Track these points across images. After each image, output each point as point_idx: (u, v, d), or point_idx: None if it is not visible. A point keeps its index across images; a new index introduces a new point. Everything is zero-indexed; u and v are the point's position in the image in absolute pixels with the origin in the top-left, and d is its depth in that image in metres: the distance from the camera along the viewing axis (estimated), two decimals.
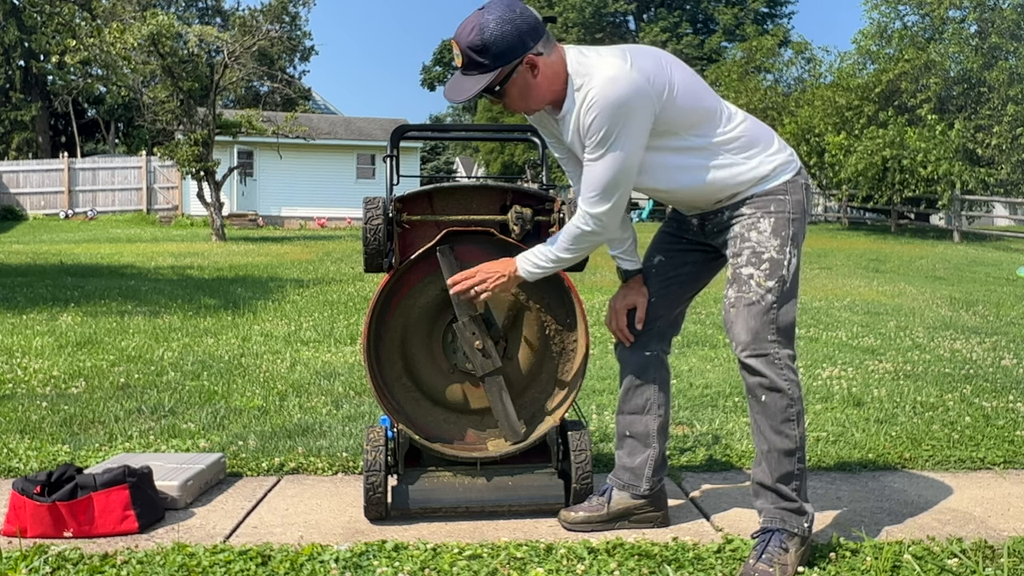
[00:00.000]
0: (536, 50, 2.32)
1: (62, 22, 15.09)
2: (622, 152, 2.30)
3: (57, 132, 41.20)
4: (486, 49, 2.28)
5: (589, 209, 2.40)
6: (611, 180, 2.34)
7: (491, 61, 2.29)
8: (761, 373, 2.39)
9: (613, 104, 2.25)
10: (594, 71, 2.29)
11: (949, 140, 21.10)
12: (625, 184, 2.36)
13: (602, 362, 5.44)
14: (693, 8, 43.09)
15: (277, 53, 28.89)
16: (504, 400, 2.77)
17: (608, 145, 2.30)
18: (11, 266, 12.79)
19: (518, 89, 2.36)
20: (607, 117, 2.27)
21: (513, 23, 2.28)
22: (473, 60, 2.30)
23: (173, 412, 4.20)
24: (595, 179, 2.35)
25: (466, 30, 2.30)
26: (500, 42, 2.27)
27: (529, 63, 2.32)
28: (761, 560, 2.32)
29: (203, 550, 2.45)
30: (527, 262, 2.54)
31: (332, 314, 7.76)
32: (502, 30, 2.27)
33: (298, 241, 20.30)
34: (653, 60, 2.36)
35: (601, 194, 2.36)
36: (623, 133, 2.28)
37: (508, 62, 2.30)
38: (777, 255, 2.41)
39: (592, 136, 2.31)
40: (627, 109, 2.26)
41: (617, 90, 2.25)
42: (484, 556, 2.44)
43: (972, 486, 3.19)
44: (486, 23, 2.28)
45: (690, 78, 2.42)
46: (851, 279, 12.07)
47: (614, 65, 2.28)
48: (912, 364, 5.64)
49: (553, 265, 2.53)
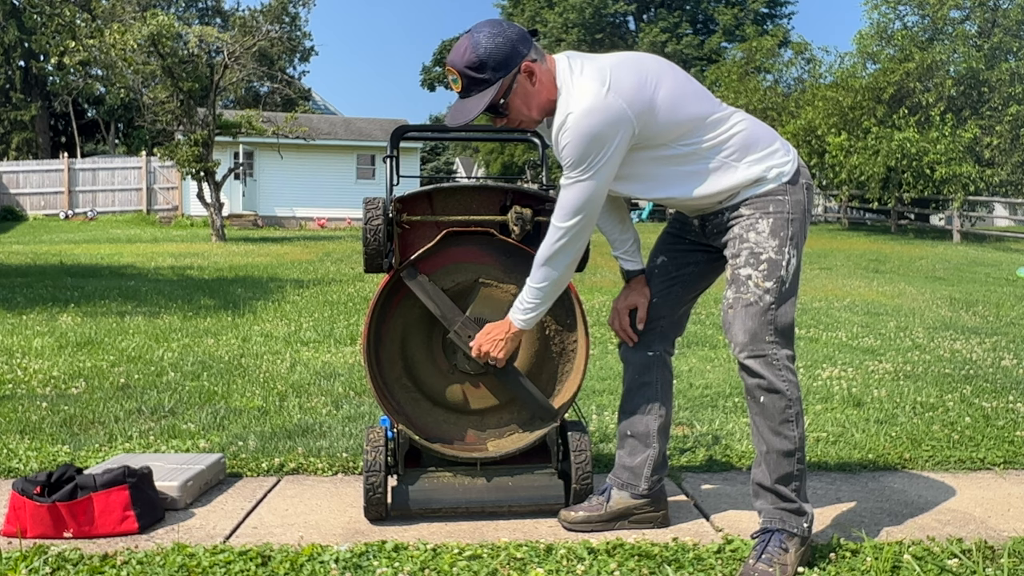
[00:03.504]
0: (531, 57, 2.36)
1: (62, 23, 15.09)
2: (594, 179, 2.34)
3: (57, 132, 41.21)
4: (484, 64, 2.32)
5: (560, 223, 2.42)
6: (582, 202, 2.37)
7: (491, 74, 2.33)
8: (759, 374, 2.39)
9: (586, 135, 2.29)
10: (572, 94, 2.33)
11: (959, 140, 21.08)
12: (596, 202, 2.40)
13: (602, 362, 5.44)
14: (693, 8, 43.06)
15: (277, 54, 28.86)
16: (526, 384, 2.77)
17: (581, 170, 2.34)
18: (11, 266, 12.79)
19: (520, 99, 2.40)
20: (579, 146, 2.30)
21: (504, 35, 2.34)
22: (473, 79, 2.35)
23: (173, 412, 4.20)
24: (568, 201, 2.38)
25: (460, 53, 2.35)
26: (496, 54, 2.32)
27: (527, 70, 2.36)
28: (761, 560, 2.32)
29: (203, 551, 2.45)
30: (517, 312, 2.56)
31: (332, 314, 7.76)
32: (495, 43, 2.32)
33: (298, 241, 20.30)
34: (637, 78, 2.36)
35: (572, 213, 2.40)
36: (596, 160, 2.32)
37: (507, 72, 2.34)
38: (775, 256, 2.41)
39: (565, 160, 2.35)
40: (600, 139, 2.30)
41: (591, 121, 2.28)
42: (484, 556, 2.44)
43: (972, 486, 3.19)
44: (478, 41, 2.33)
45: (679, 88, 2.41)
46: (851, 279, 12.07)
47: (591, 92, 2.30)
48: (912, 364, 5.64)
49: (540, 301, 2.53)
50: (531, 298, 2.52)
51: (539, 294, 2.51)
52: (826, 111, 23.43)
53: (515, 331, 2.59)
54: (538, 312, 2.55)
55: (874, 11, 25.53)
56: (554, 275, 2.48)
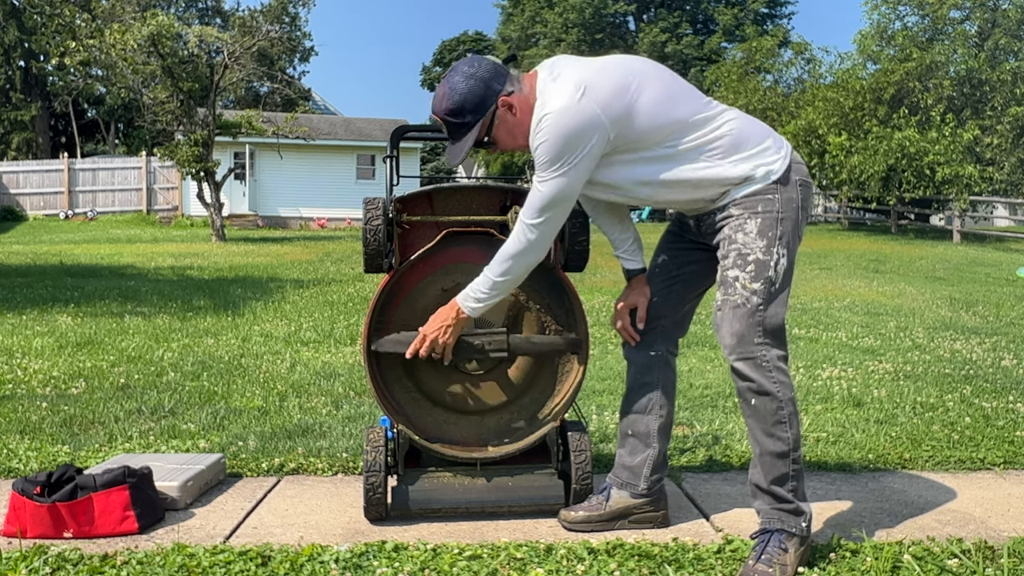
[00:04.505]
0: (506, 90, 2.42)
1: (62, 23, 15.11)
2: (565, 179, 2.36)
3: (57, 132, 41.20)
4: (462, 108, 2.41)
5: (530, 221, 2.43)
6: (551, 201, 2.39)
7: (470, 117, 2.41)
8: (749, 377, 2.39)
9: (559, 136, 2.32)
10: (548, 97, 2.36)
11: (960, 140, 21.07)
12: (564, 204, 2.41)
13: (602, 362, 5.44)
14: (693, 8, 43.05)
15: (277, 54, 28.87)
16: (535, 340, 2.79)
17: (553, 169, 2.35)
18: (11, 266, 12.79)
19: (504, 131, 2.46)
20: (552, 147, 2.33)
21: (476, 76, 2.41)
22: (454, 124, 2.43)
23: (173, 413, 4.20)
24: (537, 199, 2.40)
25: (439, 101, 2.44)
26: (471, 97, 2.40)
27: (504, 104, 2.42)
28: (760, 561, 2.33)
29: (203, 551, 2.45)
30: (467, 299, 2.55)
31: (332, 314, 7.76)
32: (468, 86, 2.40)
33: (298, 241, 20.30)
34: (616, 85, 2.36)
35: (539, 212, 2.41)
36: (568, 162, 2.34)
37: (485, 111, 2.41)
38: (763, 256, 2.40)
39: (539, 159, 2.37)
40: (573, 141, 2.32)
41: (564, 122, 2.31)
42: (484, 556, 2.44)
43: (972, 486, 3.19)
44: (454, 86, 2.41)
45: (665, 92, 2.41)
46: (851, 279, 12.07)
47: (565, 95, 2.33)
48: (912, 365, 5.64)
49: (493, 292, 2.52)
50: (487, 288, 2.52)
51: (496, 286, 2.51)
52: (826, 111, 23.42)
53: (464, 317, 2.58)
54: (489, 303, 2.55)
55: (874, 11, 25.56)
56: (516, 270, 2.49)
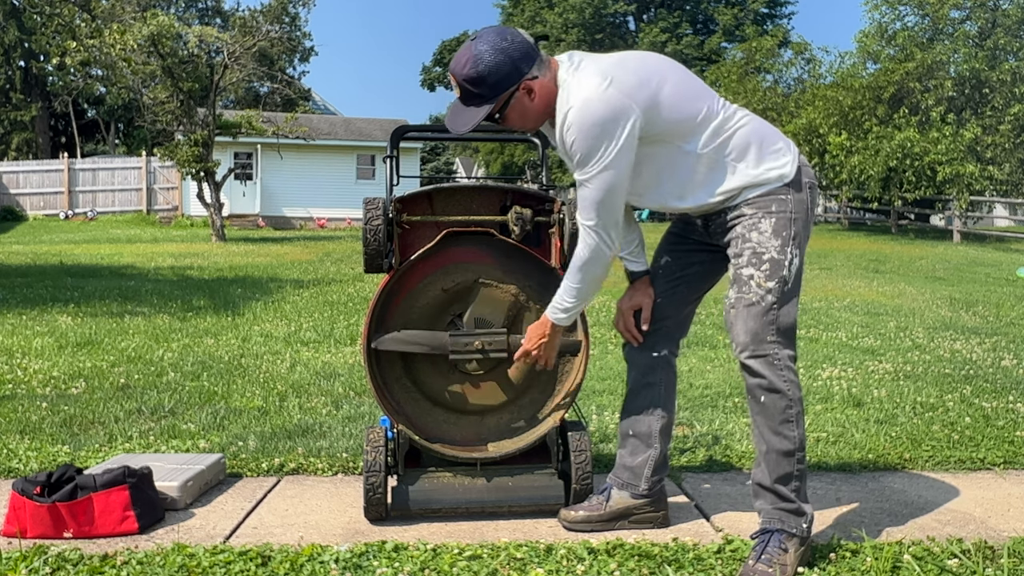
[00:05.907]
0: (531, 75, 2.34)
1: (62, 23, 15.10)
2: (609, 170, 2.31)
3: (57, 132, 41.21)
4: (482, 81, 2.31)
5: (588, 223, 2.40)
6: (603, 197, 2.35)
7: (488, 92, 2.33)
8: (760, 374, 2.39)
9: (589, 125, 2.27)
10: (572, 90, 2.31)
11: (961, 140, 21.06)
12: (614, 198, 2.36)
13: (602, 362, 5.44)
14: (693, 8, 43.04)
15: (277, 54, 28.90)
16: None
17: (592, 164, 2.31)
18: (11, 266, 12.79)
19: (517, 113, 2.41)
20: (585, 139, 2.28)
21: (506, 52, 2.31)
22: (470, 92, 2.34)
23: (173, 413, 4.20)
24: (588, 198, 2.36)
25: (461, 63, 2.33)
26: (495, 72, 2.30)
27: (526, 88, 2.35)
28: (760, 561, 2.33)
29: (203, 551, 2.45)
30: (555, 310, 2.56)
31: (332, 314, 7.76)
32: (496, 60, 2.30)
33: (298, 242, 20.30)
34: (639, 75, 2.35)
35: (596, 210, 2.37)
36: (606, 153, 2.29)
37: (504, 90, 2.34)
38: (778, 255, 2.41)
39: (575, 157, 2.32)
40: (605, 129, 2.27)
41: (592, 112, 2.26)
42: (484, 557, 2.44)
43: (972, 486, 3.19)
44: (480, 54, 2.30)
45: (683, 86, 2.41)
46: (851, 279, 12.07)
47: (590, 85, 2.29)
48: (912, 365, 5.64)
49: (577, 300, 2.53)
50: (570, 297, 2.52)
51: (579, 293, 2.51)
52: (826, 111, 23.42)
53: (559, 328, 2.60)
54: (577, 310, 2.56)
55: (874, 11, 25.54)
56: (593, 272, 2.47)
